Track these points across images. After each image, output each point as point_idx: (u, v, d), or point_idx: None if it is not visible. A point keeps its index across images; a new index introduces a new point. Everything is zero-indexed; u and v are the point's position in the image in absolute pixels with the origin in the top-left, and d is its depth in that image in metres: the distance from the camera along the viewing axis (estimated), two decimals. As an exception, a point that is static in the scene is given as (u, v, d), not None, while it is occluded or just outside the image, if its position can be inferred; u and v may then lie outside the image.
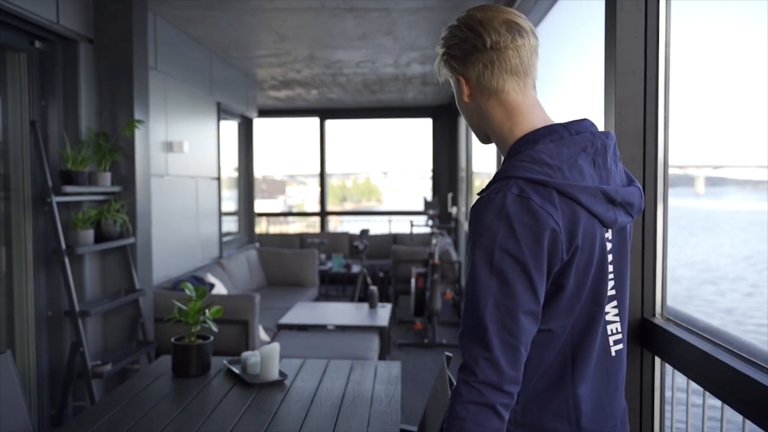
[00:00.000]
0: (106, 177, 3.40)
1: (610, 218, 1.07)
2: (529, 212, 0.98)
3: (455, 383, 1.01)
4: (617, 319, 1.14)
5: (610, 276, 1.11)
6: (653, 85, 1.76)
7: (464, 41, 1.12)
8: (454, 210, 8.30)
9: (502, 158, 1.13)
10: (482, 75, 1.12)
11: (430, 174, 9.26)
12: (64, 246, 3.08)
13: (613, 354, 1.13)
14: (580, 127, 1.09)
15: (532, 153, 1.05)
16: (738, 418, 1.38)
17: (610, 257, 1.11)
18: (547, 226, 0.98)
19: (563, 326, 1.06)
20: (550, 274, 1.02)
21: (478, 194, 1.11)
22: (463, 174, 7.74)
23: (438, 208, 7.57)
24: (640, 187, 1.16)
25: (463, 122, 7.56)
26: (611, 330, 1.13)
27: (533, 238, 0.98)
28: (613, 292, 1.12)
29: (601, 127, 1.28)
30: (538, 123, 1.11)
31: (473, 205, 1.04)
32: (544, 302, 1.03)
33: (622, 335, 1.15)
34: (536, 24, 3.22)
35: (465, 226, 7.02)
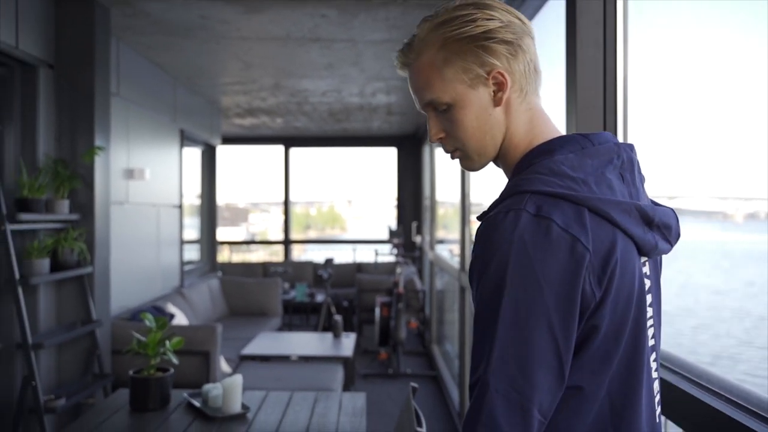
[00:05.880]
0: (64, 204, 3.32)
1: (649, 243, 0.86)
2: (548, 235, 0.78)
3: None
4: (657, 375, 0.92)
5: (650, 321, 0.89)
6: (612, 118, 1.82)
7: (512, 24, 0.89)
8: (418, 239, 8.33)
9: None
10: (528, 69, 0.91)
11: (395, 203, 9.31)
12: (17, 275, 2.97)
13: (657, 420, 0.92)
14: (601, 137, 0.91)
15: (549, 164, 0.85)
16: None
17: (649, 297, 0.89)
18: (572, 253, 0.78)
19: (598, 383, 0.82)
20: (582, 316, 0.80)
21: (478, 218, 0.89)
22: (427, 203, 7.79)
23: (403, 236, 7.59)
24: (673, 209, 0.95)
25: (427, 151, 7.64)
26: (655, 389, 0.91)
27: (555, 268, 0.77)
28: (653, 341, 0.90)
29: None
30: (554, 132, 0.94)
31: (478, 229, 0.84)
32: (573, 351, 0.81)
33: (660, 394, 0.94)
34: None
35: (429, 254, 7.05)
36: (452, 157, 0.97)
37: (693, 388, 1.41)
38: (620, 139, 1.82)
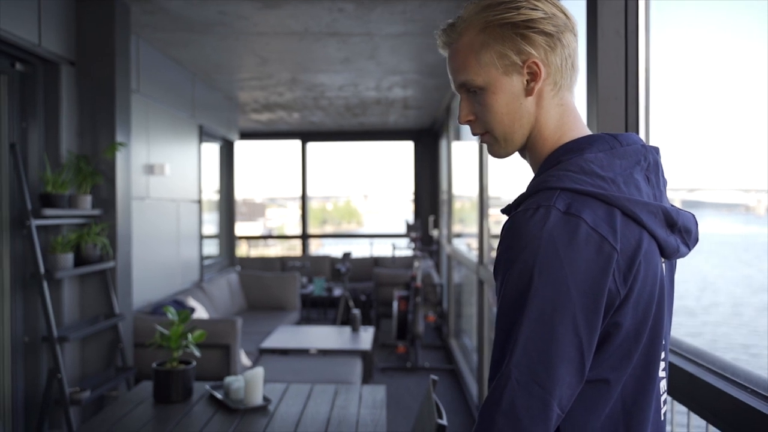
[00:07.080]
0: (87, 200, 3.37)
1: (671, 245, 0.88)
2: (577, 234, 0.79)
3: None
4: (665, 374, 0.93)
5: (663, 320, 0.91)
6: (634, 110, 1.80)
7: (555, 17, 0.90)
8: (435, 233, 8.32)
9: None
10: (565, 64, 0.91)
11: (412, 197, 9.30)
12: (42, 270, 3.03)
13: (662, 418, 0.93)
14: (629, 138, 0.92)
15: (579, 162, 0.86)
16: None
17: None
18: (600, 252, 0.79)
19: (617, 378, 0.84)
20: (606, 313, 0.81)
21: (503, 211, 0.92)
22: (444, 197, 7.78)
23: (420, 230, 7.58)
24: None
25: (444, 145, 7.63)
26: (662, 387, 0.93)
27: (583, 267, 0.78)
28: (663, 341, 0.90)
29: None
30: (584, 131, 0.94)
31: (505, 224, 0.85)
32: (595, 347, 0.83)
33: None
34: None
35: (446, 248, 7.04)
36: (481, 141, 0.98)
37: (718, 380, 1.41)
38: (642, 130, 1.80)
